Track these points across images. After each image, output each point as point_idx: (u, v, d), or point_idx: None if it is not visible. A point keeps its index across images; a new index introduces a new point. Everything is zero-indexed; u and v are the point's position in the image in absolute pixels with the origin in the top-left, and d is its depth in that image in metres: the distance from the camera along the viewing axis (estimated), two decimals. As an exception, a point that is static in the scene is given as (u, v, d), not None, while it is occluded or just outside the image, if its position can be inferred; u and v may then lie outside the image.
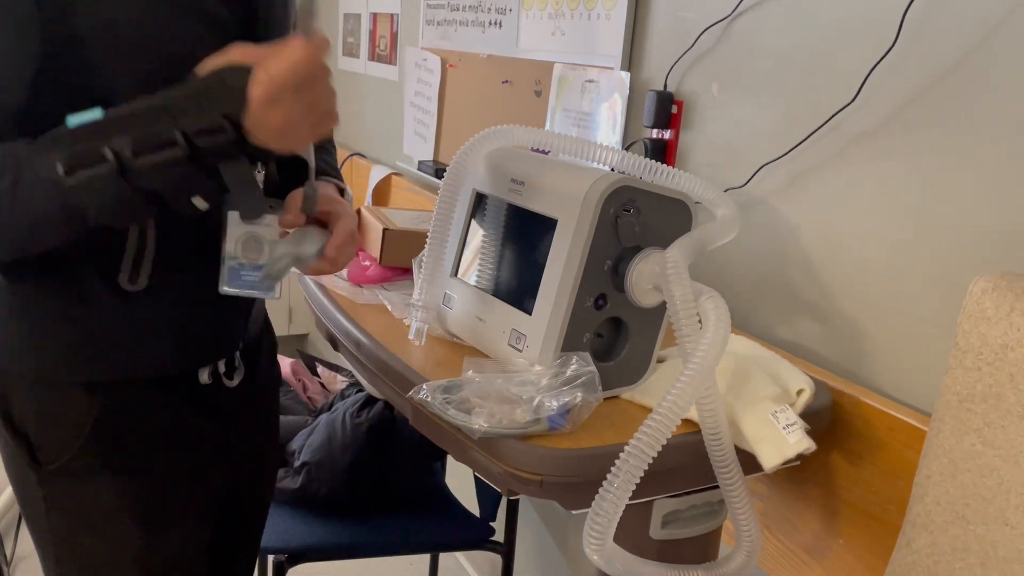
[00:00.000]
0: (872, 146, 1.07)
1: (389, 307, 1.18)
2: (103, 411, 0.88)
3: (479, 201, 1.04)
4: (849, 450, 1.03)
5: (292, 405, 2.02)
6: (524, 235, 0.97)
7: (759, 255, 1.26)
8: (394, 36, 2.46)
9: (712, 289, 0.82)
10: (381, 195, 2.49)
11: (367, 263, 1.33)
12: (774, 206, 1.23)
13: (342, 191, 1.04)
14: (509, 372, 0.89)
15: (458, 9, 2.03)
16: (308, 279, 1.30)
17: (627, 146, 1.49)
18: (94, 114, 0.72)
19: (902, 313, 1.04)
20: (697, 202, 0.96)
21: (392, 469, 1.71)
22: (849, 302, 1.11)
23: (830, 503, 1.09)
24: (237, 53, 0.73)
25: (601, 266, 0.90)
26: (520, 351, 0.93)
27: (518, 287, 0.96)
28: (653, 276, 0.87)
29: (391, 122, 2.54)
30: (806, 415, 0.93)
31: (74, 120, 0.72)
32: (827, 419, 1.01)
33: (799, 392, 0.92)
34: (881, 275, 1.07)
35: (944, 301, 0.99)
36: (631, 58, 1.48)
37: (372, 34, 2.62)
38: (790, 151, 1.16)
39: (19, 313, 0.85)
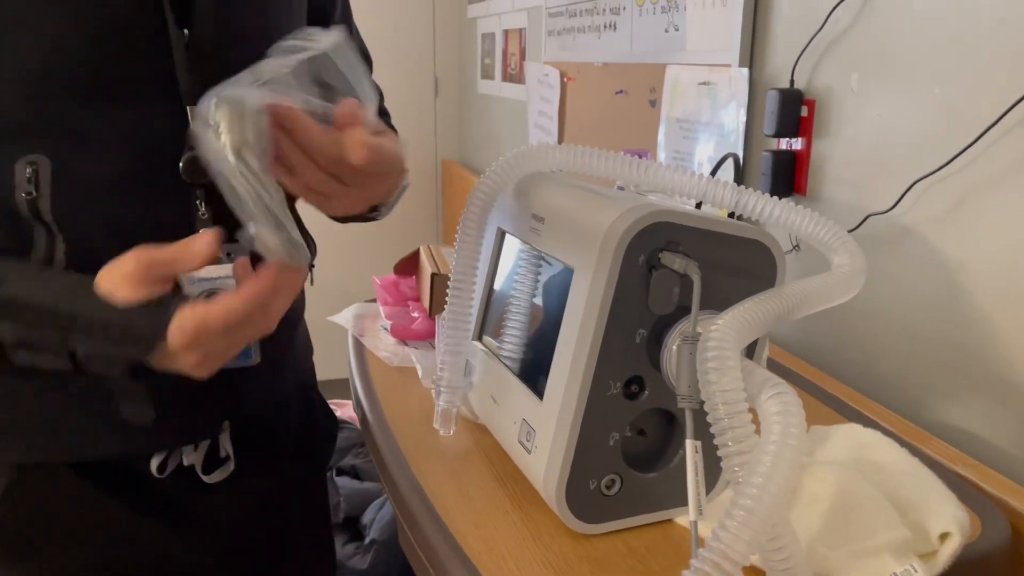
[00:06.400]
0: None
1: (420, 374, 0.96)
2: (6, 494, 0.73)
3: (502, 241, 0.81)
4: (1046, 610, 0.68)
5: (368, 468, 1.77)
6: (546, 288, 0.72)
7: (912, 307, 0.91)
8: (522, 52, 2.28)
9: (781, 381, 0.53)
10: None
11: (416, 315, 1.12)
12: (935, 237, 0.88)
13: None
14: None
15: (576, 15, 1.81)
16: (351, 335, 1.11)
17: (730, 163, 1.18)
18: None
19: None
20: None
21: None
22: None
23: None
24: (140, 261, 0.57)
25: (632, 337, 0.62)
26: (528, 451, 0.68)
27: (534, 360, 0.71)
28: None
29: (520, 144, 2.34)
30: (966, 563, 0.61)
31: None
32: (999, 563, 0.66)
33: (943, 536, 0.59)
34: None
35: None
36: (752, 51, 1.18)
37: (504, 52, 2.45)
38: (955, 158, 0.82)
39: None
